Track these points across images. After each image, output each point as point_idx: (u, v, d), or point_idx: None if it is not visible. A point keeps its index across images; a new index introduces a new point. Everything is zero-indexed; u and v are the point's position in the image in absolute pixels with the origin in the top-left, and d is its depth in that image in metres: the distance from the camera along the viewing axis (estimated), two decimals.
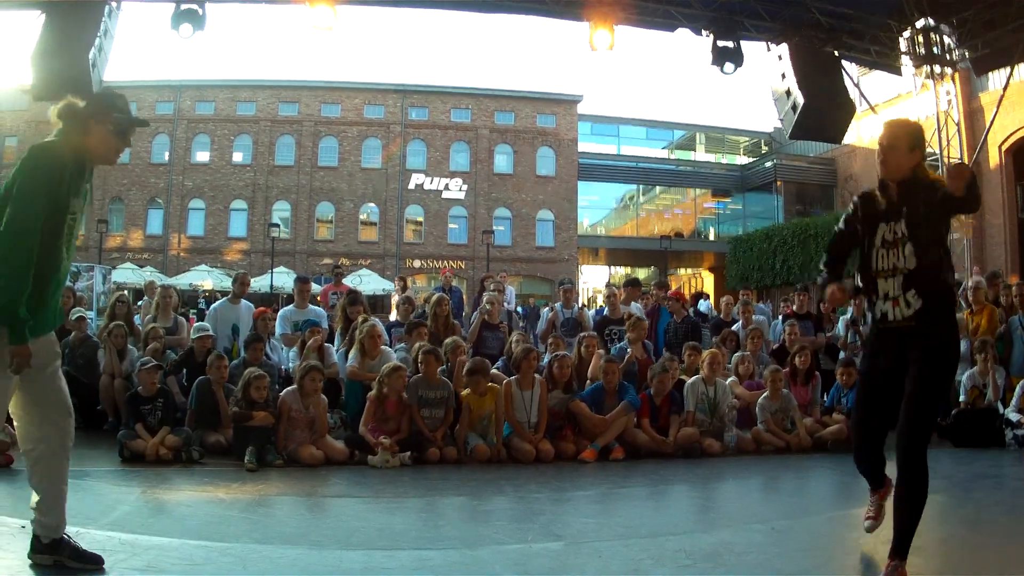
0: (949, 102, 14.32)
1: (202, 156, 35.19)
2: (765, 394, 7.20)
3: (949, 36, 13.32)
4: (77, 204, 3.12)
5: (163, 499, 5.12)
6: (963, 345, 7.85)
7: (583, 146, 36.96)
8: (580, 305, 11.18)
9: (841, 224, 3.59)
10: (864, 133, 27.10)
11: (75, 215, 3.12)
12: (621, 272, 40.02)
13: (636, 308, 9.11)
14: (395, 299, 12.51)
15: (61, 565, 3.14)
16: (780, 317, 9.74)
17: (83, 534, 3.68)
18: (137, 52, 78.12)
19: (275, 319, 8.28)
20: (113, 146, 3.20)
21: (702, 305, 15.11)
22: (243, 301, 8.54)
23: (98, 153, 3.19)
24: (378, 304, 19.11)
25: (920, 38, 13.25)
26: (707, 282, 38.21)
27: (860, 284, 3.46)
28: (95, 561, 3.21)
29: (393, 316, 9.82)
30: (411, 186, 35.55)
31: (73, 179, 3.06)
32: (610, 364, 6.93)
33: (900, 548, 3.12)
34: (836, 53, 12.74)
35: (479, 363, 6.76)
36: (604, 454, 6.56)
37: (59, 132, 3.12)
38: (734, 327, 9.08)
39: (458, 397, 6.65)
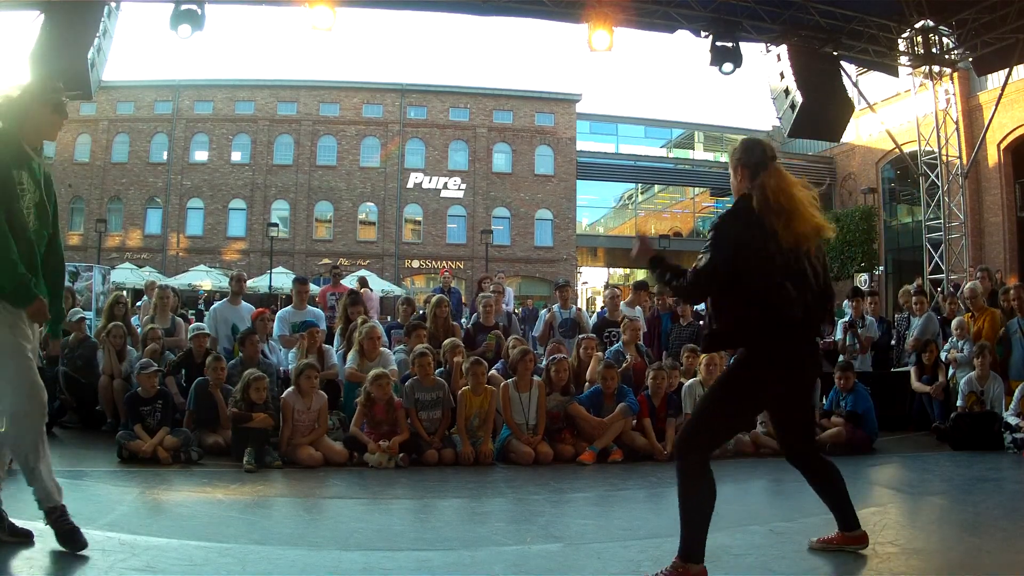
0: (948, 100, 14.30)
1: (200, 155, 35.17)
2: None
3: (948, 37, 13.32)
4: (24, 176, 3.40)
5: (162, 500, 5.13)
6: (966, 349, 7.85)
7: (581, 145, 36.93)
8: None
9: None
10: (863, 131, 27.11)
11: (24, 187, 3.39)
12: (620, 273, 39.95)
13: (635, 312, 9.07)
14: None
15: None
16: None
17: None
18: (136, 52, 78.28)
19: (273, 320, 8.27)
20: (54, 123, 3.56)
21: (700, 307, 15.07)
22: (243, 303, 8.52)
23: (41, 134, 3.56)
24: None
25: (919, 39, 13.25)
26: None
27: None
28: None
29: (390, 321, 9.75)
30: (409, 185, 35.56)
31: (19, 158, 3.41)
32: (609, 370, 6.94)
33: (680, 547, 3.12)
34: (835, 53, 12.75)
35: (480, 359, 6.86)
36: (602, 456, 6.57)
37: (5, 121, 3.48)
38: None
39: (456, 397, 6.65)
